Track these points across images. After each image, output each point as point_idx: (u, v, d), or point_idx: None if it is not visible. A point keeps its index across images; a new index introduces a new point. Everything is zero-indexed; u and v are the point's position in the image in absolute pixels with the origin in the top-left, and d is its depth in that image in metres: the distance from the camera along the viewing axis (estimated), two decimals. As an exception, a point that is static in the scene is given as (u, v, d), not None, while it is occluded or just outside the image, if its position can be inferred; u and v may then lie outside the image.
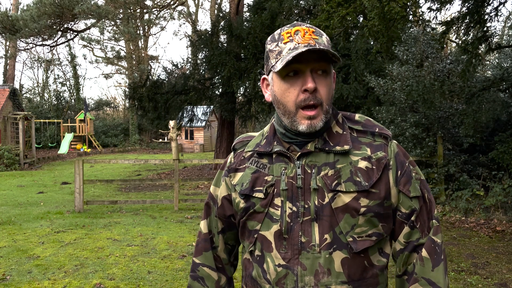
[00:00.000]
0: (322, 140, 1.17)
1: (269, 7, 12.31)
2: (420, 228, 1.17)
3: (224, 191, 1.30)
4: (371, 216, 1.12)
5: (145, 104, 14.29)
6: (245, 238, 1.24)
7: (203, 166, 17.39)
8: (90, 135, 27.57)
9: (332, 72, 1.17)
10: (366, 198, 1.12)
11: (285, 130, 1.19)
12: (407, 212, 1.17)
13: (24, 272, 4.81)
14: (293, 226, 1.13)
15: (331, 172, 1.14)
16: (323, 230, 1.12)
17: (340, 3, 6.42)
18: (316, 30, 1.15)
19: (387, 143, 1.20)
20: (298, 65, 1.11)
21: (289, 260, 1.13)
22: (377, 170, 1.14)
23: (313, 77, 1.12)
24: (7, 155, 17.65)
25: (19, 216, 8.11)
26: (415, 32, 8.96)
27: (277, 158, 1.19)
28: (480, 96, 7.80)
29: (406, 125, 8.39)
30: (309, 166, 1.15)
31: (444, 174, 8.19)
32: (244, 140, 1.32)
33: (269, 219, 1.16)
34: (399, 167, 1.17)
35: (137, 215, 8.20)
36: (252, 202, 1.19)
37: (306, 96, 1.11)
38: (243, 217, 1.21)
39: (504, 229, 6.54)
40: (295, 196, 1.14)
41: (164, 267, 4.93)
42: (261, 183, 1.19)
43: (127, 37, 29.90)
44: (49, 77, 36.83)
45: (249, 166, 1.23)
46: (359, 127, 1.21)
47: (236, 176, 1.25)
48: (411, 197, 1.17)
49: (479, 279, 4.55)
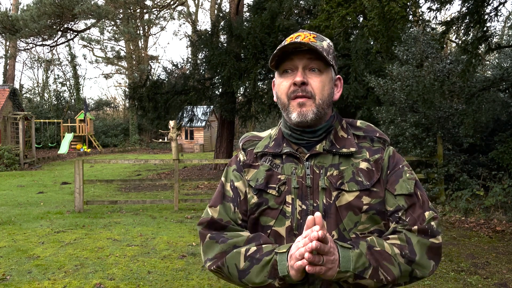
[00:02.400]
0: (329, 142, 1.25)
1: (269, 7, 12.31)
2: (410, 221, 1.18)
3: (242, 185, 1.30)
4: (373, 213, 1.19)
5: (145, 104, 14.29)
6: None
7: (203, 166, 17.39)
8: (90, 135, 27.57)
9: (329, 73, 1.26)
10: (368, 196, 1.19)
11: (291, 131, 1.27)
12: (392, 210, 1.20)
13: (24, 272, 4.81)
14: (303, 223, 1.18)
15: (336, 173, 1.21)
16: (330, 227, 1.18)
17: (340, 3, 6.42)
18: (318, 36, 1.25)
19: (384, 148, 1.28)
20: (291, 63, 1.23)
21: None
22: (376, 171, 1.23)
23: (305, 74, 1.22)
24: (7, 155, 17.65)
25: (19, 216, 8.11)
26: (415, 32, 8.96)
27: (287, 158, 1.26)
28: (480, 96, 7.81)
29: (406, 125, 8.39)
30: (318, 167, 1.23)
31: (444, 174, 8.19)
32: (252, 139, 1.36)
33: (283, 215, 1.22)
34: (390, 167, 1.25)
35: (137, 215, 8.20)
36: (266, 198, 1.24)
37: (295, 88, 1.22)
38: (254, 213, 1.25)
39: (504, 229, 6.54)
40: (305, 195, 1.21)
41: (164, 267, 4.93)
42: (274, 180, 1.24)
43: (127, 37, 29.90)
44: (49, 77, 36.87)
45: (263, 164, 1.28)
46: (361, 133, 1.30)
47: (250, 172, 1.29)
48: (396, 194, 1.21)
49: (479, 279, 4.55)
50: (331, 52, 1.26)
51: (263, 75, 13.58)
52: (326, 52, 1.22)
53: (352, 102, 10.38)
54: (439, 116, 8.45)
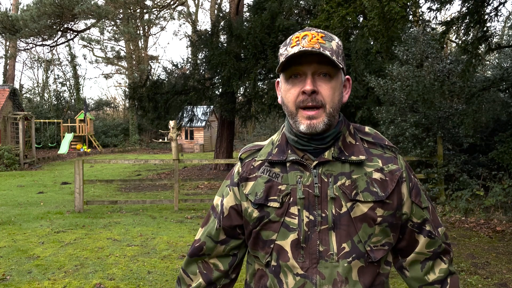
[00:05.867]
0: (338, 149, 1.17)
1: (269, 7, 12.32)
2: (438, 235, 1.25)
3: (232, 201, 1.27)
4: (386, 226, 1.15)
5: (145, 104, 14.29)
6: (259, 249, 1.21)
7: (203, 166, 17.39)
8: (90, 135, 27.57)
9: (339, 77, 1.17)
10: (382, 208, 1.14)
11: (297, 138, 1.18)
12: (419, 222, 1.22)
13: (24, 272, 4.80)
14: (311, 235, 1.13)
15: (348, 182, 1.15)
16: (340, 239, 1.13)
17: (340, 3, 6.42)
18: (326, 35, 1.15)
19: (396, 156, 1.23)
20: (300, 68, 1.13)
21: (307, 269, 1.13)
22: (391, 182, 1.17)
23: (315, 80, 1.13)
24: (7, 155, 17.65)
25: (19, 216, 8.11)
26: (415, 32, 8.96)
27: (291, 166, 1.18)
28: (480, 96, 7.80)
29: (406, 125, 8.39)
30: (326, 175, 1.15)
31: (444, 174, 8.19)
32: (252, 150, 1.29)
33: (285, 228, 1.15)
34: (410, 180, 1.22)
35: (137, 215, 8.20)
36: (267, 211, 1.17)
37: (304, 97, 1.13)
38: (257, 227, 1.19)
39: (504, 229, 6.54)
40: (312, 205, 1.14)
41: (164, 267, 4.93)
42: (275, 192, 1.17)
43: (127, 37, 29.90)
44: (49, 77, 36.86)
45: (261, 175, 1.21)
46: (370, 138, 1.23)
47: (248, 186, 1.23)
48: (423, 207, 1.23)
49: (479, 279, 4.55)
50: (341, 53, 1.16)
51: (263, 75, 13.59)
52: (336, 54, 1.13)
53: (352, 102, 10.39)
54: (439, 116, 8.45)
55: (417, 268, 1.24)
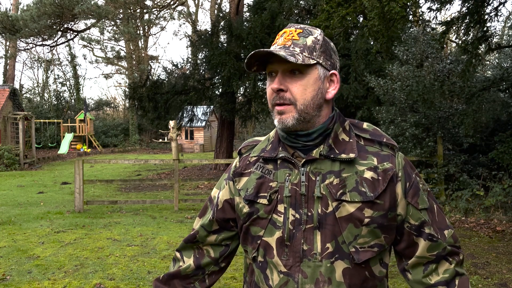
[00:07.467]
0: (328, 147, 1.15)
1: (269, 7, 12.32)
2: (442, 238, 1.18)
3: (227, 194, 1.30)
4: (374, 227, 1.11)
5: (145, 104, 14.29)
6: (248, 244, 1.23)
7: (203, 166, 17.39)
8: (90, 135, 27.57)
9: (312, 73, 1.13)
10: (370, 209, 1.11)
11: (286, 134, 1.18)
12: (417, 224, 1.17)
13: (24, 272, 4.81)
14: (296, 233, 1.13)
15: (336, 181, 1.12)
16: (325, 239, 1.11)
17: (340, 3, 6.42)
18: (304, 31, 1.15)
19: (394, 154, 1.18)
20: (271, 66, 1.15)
21: (290, 268, 1.13)
22: (383, 181, 1.13)
23: (285, 78, 1.13)
24: (7, 155, 17.65)
25: (19, 216, 8.11)
26: (415, 32, 8.96)
27: (281, 164, 1.18)
28: (480, 96, 7.80)
29: (406, 125, 8.39)
30: (314, 174, 1.14)
31: (444, 174, 8.19)
32: (250, 144, 1.31)
33: (272, 225, 1.16)
34: (407, 179, 1.17)
35: (137, 215, 8.20)
36: (256, 207, 1.18)
37: (274, 95, 1.15)
38: (246, 222, 1.21)
39: (504, 229, 6.54)
40: (299, 203, 1.13)
41: (164, 267, 4.93)
42: (265, 189, 1.18)
43: (127, 37, 29.91)
44: (49, 77, 36.86)
45: (254, 171, 1.22)
46: (367, 135, 1.19)
47: (241, 181, 1.24)
48: (420, 209, 1.17)
49: (479, 279, 4.55)
50: (318, 48, 1.13)
51: (263, 75, 13.57)
52: (310, 49, 1.12)
53: (352, 102, 10.38)
54: (439, 116, 8.45)
55: (419, 270, 1.20)
